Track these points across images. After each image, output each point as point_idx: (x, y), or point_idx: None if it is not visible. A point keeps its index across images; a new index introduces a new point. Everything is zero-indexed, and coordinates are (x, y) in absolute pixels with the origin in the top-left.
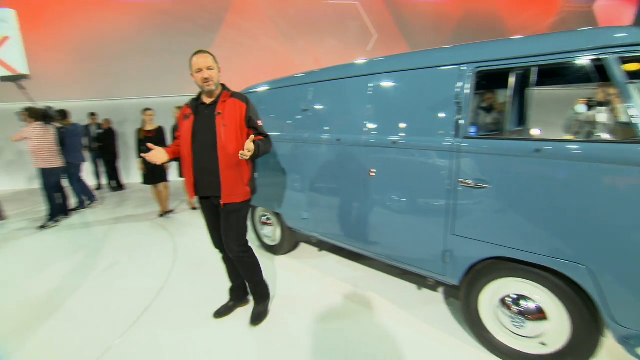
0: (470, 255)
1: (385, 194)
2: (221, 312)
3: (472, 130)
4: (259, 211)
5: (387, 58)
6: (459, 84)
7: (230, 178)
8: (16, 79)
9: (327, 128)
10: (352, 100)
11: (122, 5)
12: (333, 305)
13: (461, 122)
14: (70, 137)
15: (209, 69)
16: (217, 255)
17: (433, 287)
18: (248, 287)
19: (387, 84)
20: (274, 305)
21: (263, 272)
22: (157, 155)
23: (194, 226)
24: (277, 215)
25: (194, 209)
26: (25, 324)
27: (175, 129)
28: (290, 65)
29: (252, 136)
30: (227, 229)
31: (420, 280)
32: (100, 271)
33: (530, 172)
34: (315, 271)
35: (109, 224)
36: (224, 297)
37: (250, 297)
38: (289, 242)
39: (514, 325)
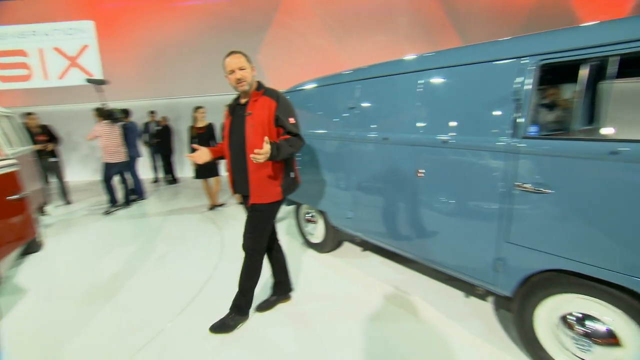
0: (526, 266)
1: (434, 196)
2: (263, 307)
3: (533, 129)
4: (304, 208)
5: (439, 53)
6: (519, 79)
7: (258, 179)
8: (99, 82)
9: (374, 126)
10: (401, 97)
11: (179, 10)
12: (374, 307)
13: (520, 120)
14: (129, 134)
15: (241, 69)
16: None
17: (482, 296)
18: (236, 294)
19: (438, 80)
20: (315, 303)
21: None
22: (200, 155)
23: (240, 220)
24: (322, 213)
25: (241, 203)
26: (90, 302)
27: (223, 126)
28: (338, 63)
29: (267, 137)
30: (248, 224)
31: (469, 288)
32: (154, 260)
33: (604, 178)
34: (357, 271)
35: (164, 215)
36: (266, 292)
37: (292, 294)
38: (332, 241)
39: (578, 347)
